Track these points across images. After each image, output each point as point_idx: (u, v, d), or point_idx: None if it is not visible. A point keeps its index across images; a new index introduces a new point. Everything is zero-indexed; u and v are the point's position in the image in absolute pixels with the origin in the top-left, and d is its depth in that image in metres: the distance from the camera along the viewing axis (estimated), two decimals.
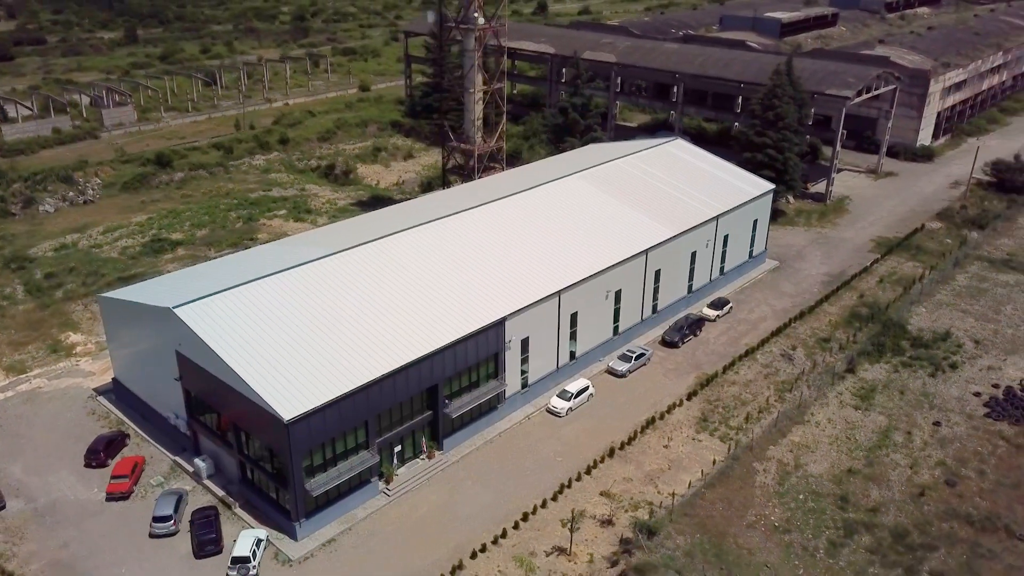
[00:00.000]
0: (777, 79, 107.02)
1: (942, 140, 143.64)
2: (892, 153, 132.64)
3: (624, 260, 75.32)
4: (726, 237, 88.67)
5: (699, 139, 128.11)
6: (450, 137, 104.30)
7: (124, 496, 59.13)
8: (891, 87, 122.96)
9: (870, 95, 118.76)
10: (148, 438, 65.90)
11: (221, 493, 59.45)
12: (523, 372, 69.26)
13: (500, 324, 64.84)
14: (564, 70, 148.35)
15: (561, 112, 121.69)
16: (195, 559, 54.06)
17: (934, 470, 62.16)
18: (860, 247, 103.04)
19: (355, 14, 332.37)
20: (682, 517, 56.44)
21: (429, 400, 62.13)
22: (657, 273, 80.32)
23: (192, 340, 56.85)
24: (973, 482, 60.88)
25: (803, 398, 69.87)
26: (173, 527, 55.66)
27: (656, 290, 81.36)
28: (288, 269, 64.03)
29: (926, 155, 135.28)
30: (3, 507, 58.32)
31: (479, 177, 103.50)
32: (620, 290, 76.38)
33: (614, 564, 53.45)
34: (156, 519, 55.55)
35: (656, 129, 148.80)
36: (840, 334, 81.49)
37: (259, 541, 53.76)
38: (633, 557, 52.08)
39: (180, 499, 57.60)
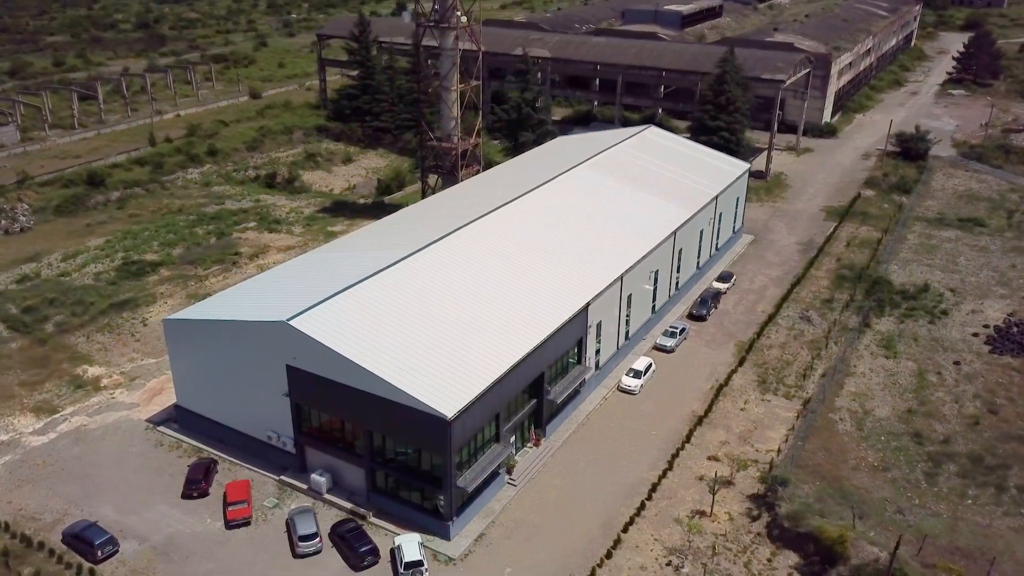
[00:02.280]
0: (725, 66, 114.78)
1: (836, 117, 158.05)
2: (787, 126, 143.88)
3: (661, 242, 79.37)
4: (720, 215, 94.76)
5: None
6: (429, 136, 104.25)
7: (247, 522, 56.69)
8: (806, 70, 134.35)
9: (794, 78, 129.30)
10: (236, 461, 63.03)
11: (349, 505, 58.14)
12: (596, 354, 71.79)
13: (584, 310, 67.07)
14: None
15: (514, 108, 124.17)
16: (355, 572, 52.99)
17: (974, 402, 70.48)
18: (814, 216, 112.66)
19: (201, 20, 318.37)
20: (796, 469, 61.18)
21: (533, 389, 63.40)
22: (680, 252, 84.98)
23: (314, 352, 55.31)
24: (1009, 408, 69.64)
25: (844, 353, 76.63)
26: (319, 544, 54.18)
27: (678, 268, 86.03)
28: (382, 271, 63.64)
29: (830, 131, 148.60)
30: (117, 551, 54.40)
31: (463, 175, 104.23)
32: (657, 270, 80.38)
33: (755, 519, 57.38)
34: (302, 538, 53.82)
35: (581, 121, 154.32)
36: (839, 295, 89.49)
37: (420, 545, 53.48)
38: (781, 508, 56.18)
39: (315, 516, 56.06)
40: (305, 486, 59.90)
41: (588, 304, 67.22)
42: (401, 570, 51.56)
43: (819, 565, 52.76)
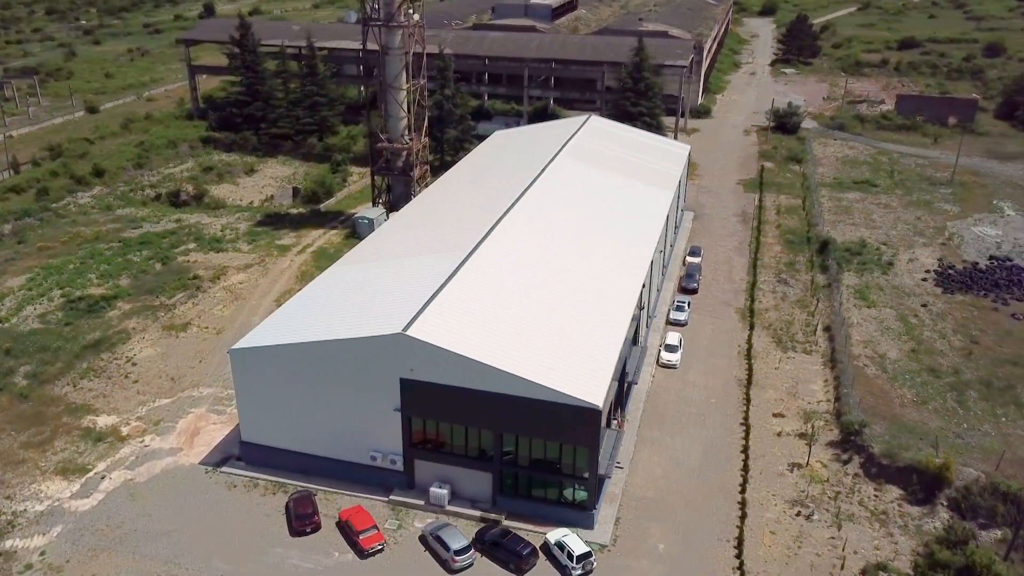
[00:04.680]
0: (641, 55, 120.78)
1: (703, 99, 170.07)
2: (676, 111, 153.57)
3: (665, 222, 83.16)
4: (678, 194, 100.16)
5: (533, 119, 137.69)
6: (380, 138, 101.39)
7: (381, 548, 54.02)
8: (691, 56, 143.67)
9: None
10: (331, 489, 59.43)
11: (478, 513, 56.86)
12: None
13: (641, 292, 69.34)
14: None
15: (436, 105, 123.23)
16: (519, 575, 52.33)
17: (956, 336, 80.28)
18: (733, 189, 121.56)
19: None
20: (860, 413, 67.12)
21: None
22: (665, 231, 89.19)
23: (437, 360, 53.61)
24: (985, 337, 79.94)
25: (838, 308, 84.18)
26: (474, 556, 52.89)
27: (664, 246, 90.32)
28: (456, 272, 62.68)
29: (706, 112, 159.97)
30: None
31: (417, 175, 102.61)
32: (662, 250, 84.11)
33: (846, 462, 62.64)
34: (458, 552, 52.24)
35: (475, 117, 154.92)
36: (796, 257, 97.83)
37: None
38: (874, 448, 61.73)
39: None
40: (420, 502, 57.77)
41: (642, 287, 69.58)
42: (573, 564, 51.55)
43: (923, 492, 58.76)
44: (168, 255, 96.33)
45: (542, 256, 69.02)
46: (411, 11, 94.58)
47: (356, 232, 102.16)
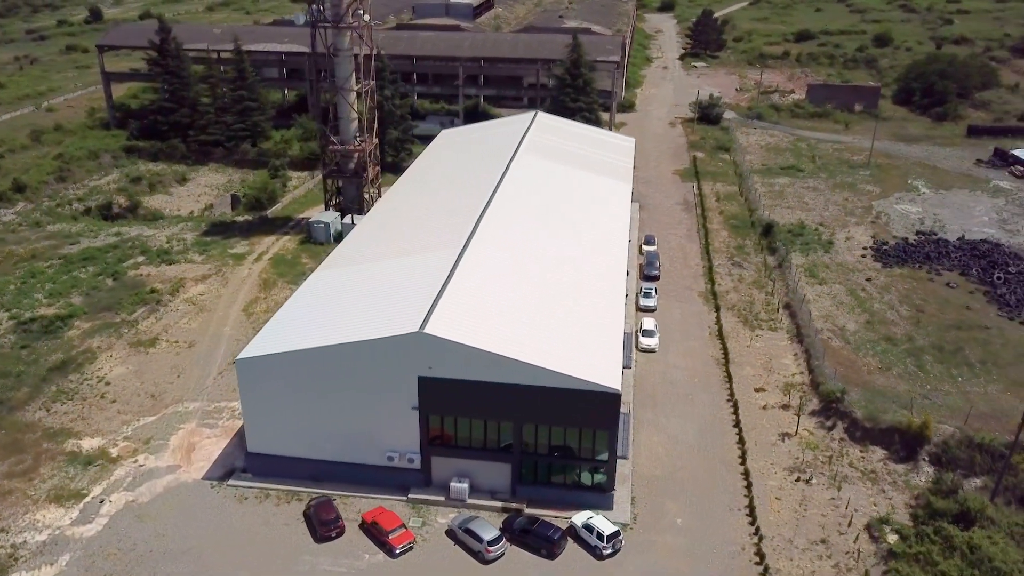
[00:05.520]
0: (579, 51, 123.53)
1: (626, 93, 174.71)
2: (607, 106, 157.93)
3: (630, 211, 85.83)
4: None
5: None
6: (331, 140, 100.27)
7: (412, 546, 54.35)
8: (621, 51, 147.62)
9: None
10: (346, 493, 59.15)
11: (499, 504, 57.81)
12: None
13: (626, 279, 71.70)
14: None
15: (378, 106, 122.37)
16: (551, 560, 53.59)
17: (902, 307, 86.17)
18: (671, 180, 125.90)
19: None
20: (836, 382, 71.46)
21: None
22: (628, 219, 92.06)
23: (457, 356, 54.29)
24: (928, 305, 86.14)
25: (795, 286, 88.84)
26: (506, 545, 53.91)
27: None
28: (454, 271, 63.10)
29: (629, 106, 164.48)
30: None
31: (370, 176, 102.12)
32: (630, 240, 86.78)
33: (830, 428, 66.71)
34: (491, 542, 53.15)
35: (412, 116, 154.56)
36: (743, 241, 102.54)
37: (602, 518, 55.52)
38: (857, 413, 65.95)
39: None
40: (440, 498, 58.26)
41: (628, 273, 71.93)
42: (604, 544, 53.26)
43: (905, 451, 63.29)
44: (118, 270, 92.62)
45: (531, 249, 70.40)
46: (360, 11, 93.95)
47: (311, 237, 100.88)
